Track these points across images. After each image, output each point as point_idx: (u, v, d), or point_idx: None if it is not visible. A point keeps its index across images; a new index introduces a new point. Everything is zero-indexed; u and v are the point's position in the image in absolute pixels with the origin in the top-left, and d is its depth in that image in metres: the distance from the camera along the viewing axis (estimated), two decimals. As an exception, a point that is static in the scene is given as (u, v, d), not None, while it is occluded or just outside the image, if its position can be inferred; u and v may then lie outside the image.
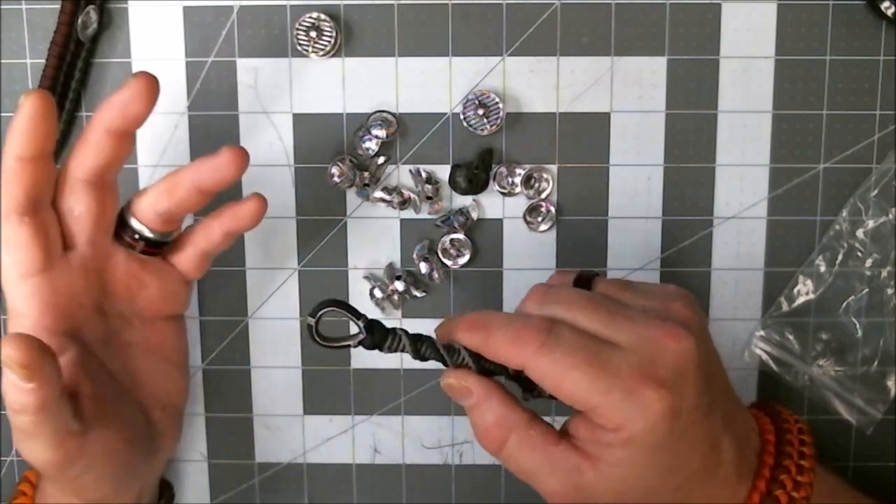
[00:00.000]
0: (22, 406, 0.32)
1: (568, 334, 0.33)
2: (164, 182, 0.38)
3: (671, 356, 0.33)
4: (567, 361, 0.32)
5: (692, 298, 0.37)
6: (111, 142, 0.36)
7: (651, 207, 0.46)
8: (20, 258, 0.35)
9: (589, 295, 0.35)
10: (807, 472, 0.36)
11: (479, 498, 0.48)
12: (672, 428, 0.32)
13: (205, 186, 0.37)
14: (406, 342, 0.34)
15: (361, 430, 0.48)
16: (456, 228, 0.45)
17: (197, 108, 0.45)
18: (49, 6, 0.44)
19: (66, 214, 0.37)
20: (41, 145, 0.34)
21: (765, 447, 0.37)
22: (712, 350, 0.36)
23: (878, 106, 0.44)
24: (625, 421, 0.32)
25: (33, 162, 0.34)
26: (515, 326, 0.33)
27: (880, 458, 0.47)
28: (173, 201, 0.37)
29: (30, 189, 0.35)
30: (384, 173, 0.46)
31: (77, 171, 0.36)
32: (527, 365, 0.33)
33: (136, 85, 0.35)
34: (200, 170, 0.37)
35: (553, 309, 0.34)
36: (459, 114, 0.45)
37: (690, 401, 0.33)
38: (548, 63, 0.45)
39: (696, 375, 0.33)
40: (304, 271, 0.46)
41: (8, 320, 0.36)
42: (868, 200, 0.45)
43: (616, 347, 0.33)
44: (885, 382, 0.46)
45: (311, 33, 0.44)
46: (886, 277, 0.45)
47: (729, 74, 0.44)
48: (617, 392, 0.32)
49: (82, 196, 0.36)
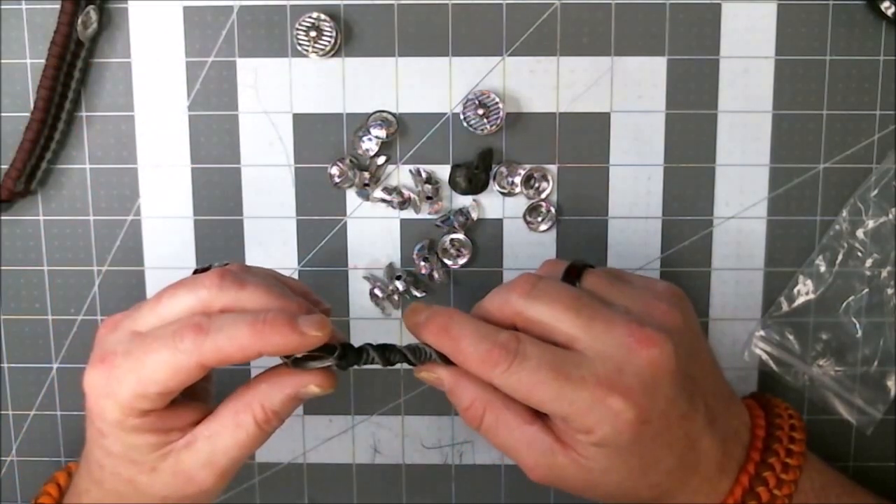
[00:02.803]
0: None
1: (533, 352, 0.33)
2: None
3: (642, 364, 0.33)
4: (532, 379, 0.33)
5: (681, 296, 0.37)
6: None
7: (651, 207, 0.46)
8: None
9: (573, 294, 0.35)
10: (792, 470, 0.37)
11: (479, 498, 0.48)
12: (640, 433, 0.33)
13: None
14: (374, 355, 0.36)
15: (361, 430, 0.48)
16: (456, 228, 0.45)
17: (197, 108, 0.45)
18: (49, 6, 0.44)
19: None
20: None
21: (753, 443, 0.37)
22: (699, 349, 0.36)
23: (878, 106, 0.44)
24: (593, 426, 0.33)
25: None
26: (483, 347, 0.34)
27: (880, 458, 0.47)
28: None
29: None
30: (384, 173, 0.46)
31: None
32: (494, 382, 0.34)
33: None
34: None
35: (536, 306, 0.35)
36: (459, 114, 0.44)
37: (661, 406, 0.33)
38: (548, 63, 0.45)
39: (670, 381, 0.33)
40: (304, 271, 0.46)
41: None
42: (868, 200, 0.45)
43: (583, 356, 0.34)
44: (885, 382, 0.46)
45: (311, 33, 0.44)
46: (886, 277, 0.45)
47: (729, 74, 0.44)
48: (583, 401, 0.33)
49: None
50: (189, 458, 0.35)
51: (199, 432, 0.35)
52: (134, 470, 0.36)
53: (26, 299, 0.47)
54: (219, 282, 0.34)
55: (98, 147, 0.46)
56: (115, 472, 0.36)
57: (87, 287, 0.47)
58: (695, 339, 0.36)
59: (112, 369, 0.34)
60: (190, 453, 0.35)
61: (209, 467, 0.35)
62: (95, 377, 0.34)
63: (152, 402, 0.34)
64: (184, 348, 0.33)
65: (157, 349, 0.33)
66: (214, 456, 0.35)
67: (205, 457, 0.35)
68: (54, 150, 0.45)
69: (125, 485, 0.36)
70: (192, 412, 0.36)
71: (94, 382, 0.34)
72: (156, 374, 0.33)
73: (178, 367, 0.33)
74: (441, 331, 0.35)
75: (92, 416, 0.35)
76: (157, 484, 0.36)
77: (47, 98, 0.43)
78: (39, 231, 0.46)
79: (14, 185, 0.44)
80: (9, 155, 0.44)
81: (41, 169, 0.45)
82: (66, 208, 0.46)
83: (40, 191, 0.46)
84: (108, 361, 0.34)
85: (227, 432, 0.35)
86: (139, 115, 0.45)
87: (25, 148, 0.43)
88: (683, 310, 0.36)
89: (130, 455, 0.35)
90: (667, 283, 0.38)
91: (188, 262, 0.46)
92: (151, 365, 0.33)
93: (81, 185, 0.46)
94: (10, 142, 0.45)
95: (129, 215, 0.46)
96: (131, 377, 0.33)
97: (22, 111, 0.45)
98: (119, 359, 0.34)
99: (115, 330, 0.35)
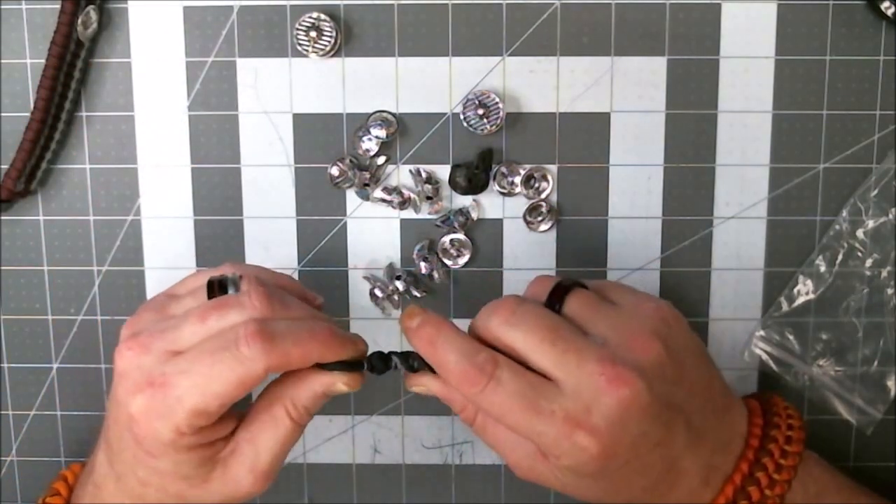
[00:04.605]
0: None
1: (508, 379, 0.34)
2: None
3: (611, 404, 0.33)
4: (505, 405, 0.34)
5: (669, 318, 0.37)
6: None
7: (651, 207, 0.46)
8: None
9: (549, 324, 0.35)
10: (786, 470, 0.37)
11: (479, 498, 0.48)
12: (606, 466, 0.34)
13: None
14: (398, 361, 0.37)
15: (361, 430, 0.48)
16: (456, 228, 0.45)
17: (197, 108, 0.45)
18: (49, 6, 0.44)
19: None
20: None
21: (744, 453, 0.37)
22: (684, 374, 0.36)
23: (878, 106, 0.44)
24: (560, 455, 0.34)
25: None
26: (463, 365, 0.35)
27: (880, 458, 0.47)
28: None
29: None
30: (384, 173, 0.46)
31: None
32: (471, 400, 0.35)
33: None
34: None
35: (513, 334, 0.35)
36: (459, 114, 0.44)
37: (629, 441, 0.34)
38: (548, 63, 0.45)
39: (639, 418, 0.34)
40: (304, 271, 0.46)
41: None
42: (868, 200, 0.45)
43: (556, 388, 0.34)
44: (885, 382, 0.46)
45: (311, 33, 0.44)
46: (886, 277, 0.45)
47: (729, 74, 0.44)
48: (551, 433, 0.34)
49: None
50: (235, 464, 0.36)
51: (241, 437, 0.37)
52: (184, 485, 0.36)
53: (26, 299, 0.47)
54: (268, 303, 0.35)
55: (98, 147, 0.46)
56: (162, 489, 0.36)
57: (87, 287, 0.47)
58: (678, 366, 0.36)
59: (167, 389, 0.34)
60: (235, 459, 0.36)
61: (255, 470, 0.36)
62: (146, 401, 0.34)
63: (210, 417, 0.35)
64: (249, 356, 0.33)
65: (221, 360, 0.34)
66: (258, 457, 0.36)
67: (250, 460, 0.36)
68: (54, 150, 0.45)
69: (172, 498, 0.37)
70: (231, 421, 0.37)
71: (147, 406, 0.34)
72: (221, 386, 0.34)
73: (245, 375, 0.34)
74: (428, 343, 0.36)
75: (139, 438, 0.35)
76: (206, 495, 0.37)
77: (47, 98, 0.43)
78: (39, 231, 0.46)
79: (14, 185, 0.44)
80: (9, 155, 0.44)
81: (41, 169, 0.45)
82: (66, 208, 0.46)
83: (40, 191, 0.46)
84: (158, 384, 0.34)
85: (266, 431, 0.36)
86: (139, 115, 0.45)
87: (25, 148, 0.43)
88: (668, 336, 0.36)
89: (182, 471, 0.36)
90: (656, 304, 0.37)
91: (188, 262, 0.46)
92: (217, 378, 0.34)
93: (81, 185, 0.46)
94: (10, 142, 0.45)
95: (129, 215, 0.46)
96: (193, 394, 0.34)
97: (22, 111, 0.45)
98: (174, 378, 0.34)
99: (148, 352, 0.35)
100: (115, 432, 0.37)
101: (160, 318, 0.37)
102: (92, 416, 0.48)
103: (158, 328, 0.36)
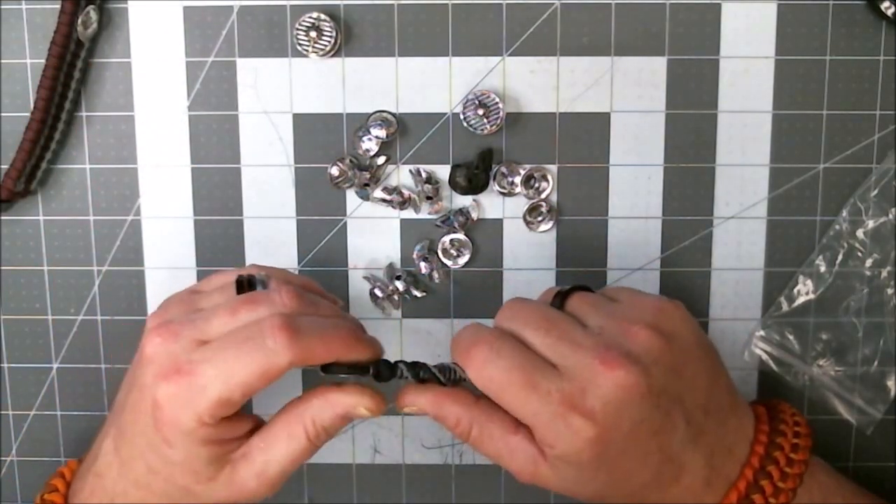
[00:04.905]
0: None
1: (508, 352, 0.35)
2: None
3: (607, 386, 0.34)
4: (503, 379, 0.35)
5: (670, 310, 0.37)
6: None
7: (651, 207, 0.46)
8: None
9: (547, 315, 0.36)
10: (790, 479, 0.37)
11: (479, 498, 0.48)
12: (601, 452, 0.34)
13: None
14: (405, 370, 0.38)
15: (361, 430, 0.48)
16: (456, 228, 0.45)
17: (197, 108, 0.45)
18: (49, 6, 0.44)
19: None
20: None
21: (749, 460, 0.37)
22: (687, 366, 0.36)
23: (878, 106, 0.44)
24: (554, 441, 0.34)
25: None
26: (468, 339, 0.36)
27: (880, 458, 0.47)
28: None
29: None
30: (384, 173, 0.46)
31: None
32: (472, 377, 0.36)
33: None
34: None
35: (511, 325, 0.36)
36: (459, 114, 0.45)
37: (626, 426, 0.34)
38: (548, 63, 0.45)
39: (637, 403, 0.34)
40: (304, 271, 0.46)
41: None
42: (868, 200, 0.45)
43: (554, 371, 0.35)
44: (885, 382, 0.46)
45: (311, 33, 0.44)
46: (886, 277, 0.45)
47: (729, 74, 0.44)
48: (546, 415, 0.34)
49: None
50: (244, 468, 0.36)
51: (254, 444, 0.37)
52: (192, 479, 0.36)
53: (26, 299, 0.47)
54: (298, 300, 0.36)
55: (98, 147, 0.46)
56: (170, 479, 0.36)
57: (87, 287, 0.47)
58: (677, 357, 0.36)
59: (193, 377, 0.34)
60: (245, 464, 0.36)
61: (261, 477, 0.36)
62: (173, 388, 0.34)
63: (232, 407, 0.35)
64: (274, 348, 0.34)
65: (246, 351, 0.34)
66: (268, 466, 0.36)
67: (259, 468, 0.36)
68: (54, 150, 0.45)
69: (177, 490, 0.37)
70: (246, 423, 0.37)
71: (172, 393, 0.34)
72: (245, 376, 0.34)
73: (269, 367, 0.34)
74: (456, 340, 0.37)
75: (160, 425, 0.35)
76: (211, 492, 0.37)
77: (47, 98, 0.43)
78: (39, 231, 0.46)
79: (14, 185, 0.44)
80: (9, 155, 0.44)
81: (41, 169, 0.45)
82: (66, 208, 0.46)
83: (40, 191, 0.46)
84: (185, 371, 0.34)
85: (280, 444, 0.37)
86: (139, 115, 0.45)
87: (25, 148, 0.43)
88: (668, 326, 0.36)
89: (193, 465, 0.36)
90: (656, 299, 0.37)
91: (188, 262, 0.46)
92: (241, 368, 0.34)
93: (81, 185, 0.46)
94: (10, 142, 0.45)
95: (129, 215, 0.46)
96: (217, 382, 0.34)
97: (22, 111, 0.45)
98: (201, 366, 0.34)
99: (177, 340, 0.35)
100: (130, 416, 0.37)
101: (189, 311, 0.37)
102: (92, 416, 0.48)
103: (189, 318, 0.36)
